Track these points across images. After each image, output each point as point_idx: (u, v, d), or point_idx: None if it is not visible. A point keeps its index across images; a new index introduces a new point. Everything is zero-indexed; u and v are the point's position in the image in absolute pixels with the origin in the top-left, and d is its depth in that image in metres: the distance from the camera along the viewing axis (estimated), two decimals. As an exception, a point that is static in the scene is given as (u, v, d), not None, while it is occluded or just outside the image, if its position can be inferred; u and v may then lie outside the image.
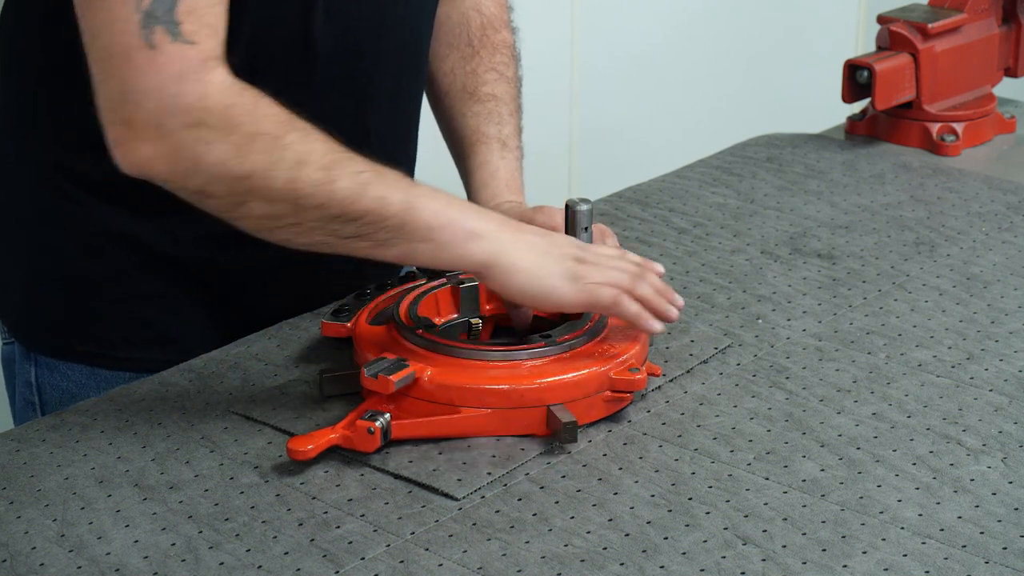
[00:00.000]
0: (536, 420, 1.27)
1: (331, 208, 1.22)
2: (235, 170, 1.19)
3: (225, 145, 1.19)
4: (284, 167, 1.20)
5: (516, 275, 1.28)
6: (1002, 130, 2.02)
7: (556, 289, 1.29)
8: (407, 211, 1.24)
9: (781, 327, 1.47)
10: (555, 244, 1.31)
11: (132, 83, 1.18)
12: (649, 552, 1.13)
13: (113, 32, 1.18)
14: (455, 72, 1.62)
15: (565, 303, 1.30)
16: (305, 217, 1.22)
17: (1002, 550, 1.13)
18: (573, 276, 1.29)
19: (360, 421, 1.24)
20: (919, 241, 1.67)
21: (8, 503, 1.20)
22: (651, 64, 3.21)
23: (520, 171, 1.59)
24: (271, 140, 1.20)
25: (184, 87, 1.18)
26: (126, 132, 1.19)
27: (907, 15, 1.96)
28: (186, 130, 1.18)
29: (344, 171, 1.22)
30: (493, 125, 1.58)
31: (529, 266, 1.28)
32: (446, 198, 1.27)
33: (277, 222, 1.23)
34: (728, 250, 1.65)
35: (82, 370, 1.46)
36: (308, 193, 1.21)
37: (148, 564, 1.12)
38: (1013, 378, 1.38)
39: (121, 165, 1.21)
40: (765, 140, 1.99)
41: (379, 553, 1.13)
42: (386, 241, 1.25)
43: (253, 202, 1.21)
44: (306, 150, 1.21)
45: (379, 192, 1.23)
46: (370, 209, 1.23)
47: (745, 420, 1.31)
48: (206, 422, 1.30)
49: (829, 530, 1.16)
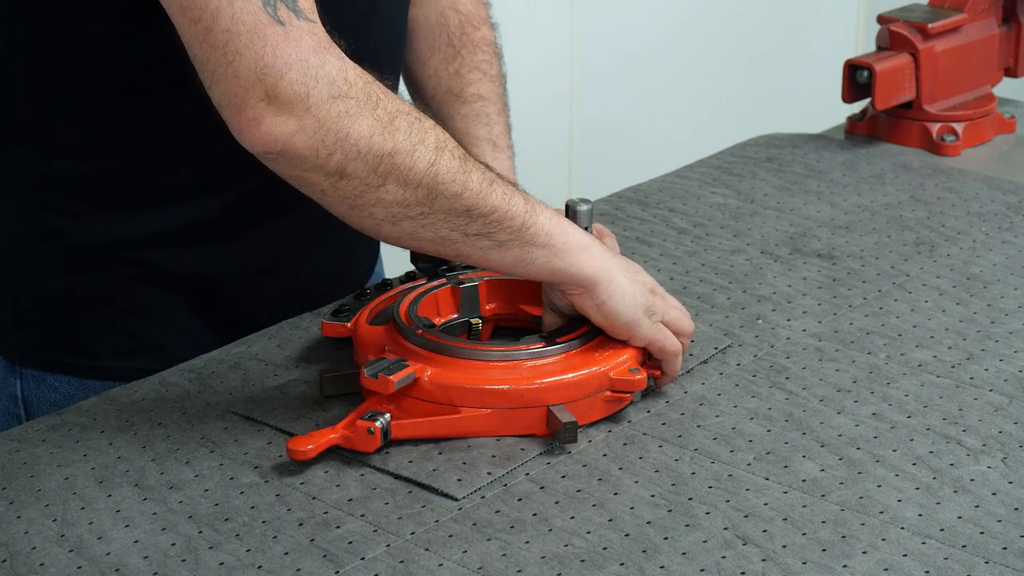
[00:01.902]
0: (536, 420, 1.27)
1: (464, 199, 1.20)
2: (380, 146, 1.17)
3: (370, 119, 1.17)
4: (426, 149, 1.18)
5: (618, 296, 1.27)
6: (1002, 130, 2.02)
7: (638, 320, 1.29)
8: (528, 214, 1.23)
9: (781, 327, 1.47)
10: (634, 270, 1.31)
11: (271, 57, 1.15)
12: (649, 552, 1.13)
13: (235, 12, 1.16)
14: (439, 74, 1.61)
15: (638, 337, 1.30)
16: (437, 207, 1.20)
17: (1002, 550, 1.13)
18: (650, 310, 1.30)
19: (360, 421, 1.24)
20: (919, 241, 1.67)
21: (8, 503, 1.20)
22: (651, 64, 3.21)
23: (513, 170, 1.59)
24: (413, 120, 1.19)
25: (325, 58, 1.16)
26: (267, 108, 1.16)
27: (907, 15, 1.96)
28: (332, 101, 1.15)
29: (475, 165, 1.22)
30: (482, 126, 1.58)
31: (625, 290, 1.28)
32: (552, 210, 1.27)
33: (408, 210, 1.20)
34: (728, 250, 1.65)
35: (70, 382, 1.45)
36: (447, 180, 1.19)
37: (148, 564, 1.12)
38: (1013, 378, 1.38)
39: (257, 146, 1.17)
40: (765, 140, 1.99)
41: (379, 553, 1.13)
42: (506, 243, 1.24)
43: (390, 184, 1.18)
44: (444, 137, 1.20)
45: (506, 191, 1.23)
46: (497, 207, 1.22)
47: (745, 420, 1.31)
48: (206, 422, 1.30)
49: (829, 530, 1.16)
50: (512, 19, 1.71)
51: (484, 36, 1.64)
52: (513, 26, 1.71)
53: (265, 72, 1.15)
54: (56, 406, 1.44)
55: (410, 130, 1.18)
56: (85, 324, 1.44)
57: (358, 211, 1.21)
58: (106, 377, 1.44)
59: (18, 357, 1.46)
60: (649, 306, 1.30)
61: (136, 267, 1.42)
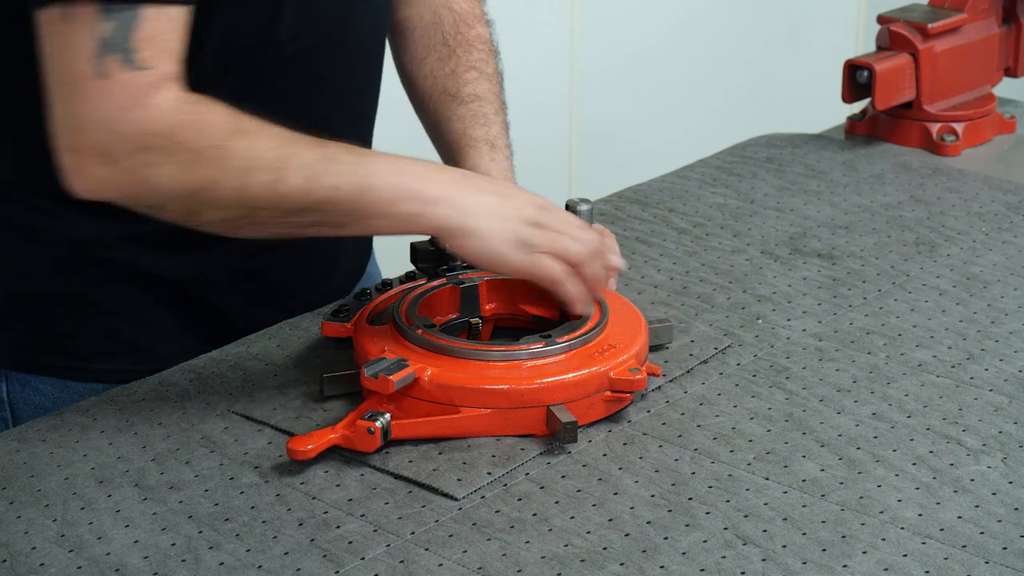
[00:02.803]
0: (536, 420, 1.27)
1: (285, 205, 1.25)
2: (184, 187, 1.23)
3: (172, 165, 1.23)
4: (232, 176, 1.23)
5: (470, 239, 1.28)
6: (1002, 130, 2.02)
7: (504, 255, 1.29)
8: (361, 193, 1.26)
9: (781, 327, 1.47)
10: (512, 206, 1.30)
11: (80, 112, 1.22)
12: (649, 552, 1.13)
13: (67, 59, 1.21)
14: (435, 74, 1.61)
15: (511, 270, 1.30)
16: (261, 217, 1.26)
17: (1002, 550, 1.13)
18: (524, 243, 1.29)
19: (360, 421, 1.24)
20: (919, 241, 1.67)
21: (8, 503, 1.20)
22: (651, 64, 3.21)
23: (511, 169, 1.59)
24: (216, 151, 1.23)
25: (130, 115, 1.21)
26: (77, 159, 1.23)
27: (907, 15, 1.96)
28: (133, 156, 1.22)
29: (293, 167, 1.24)
30: (480, 127, 1.58)
31: (482, 230, 1.28)
32: (402, 167, 1.28)
33: (235, 224, 1.26)
34: (728, 250, 1.65)
35: (54, 383, 1.45)
36: (259, 196, 1.24)
37: (148, 564, 1.12)
38: (1013, 378, 1.38)
39: (75, 190, 1.24)
40: (765, 140, 1.99)
41: (379, 553, 1.13)
42: (344, 224, 1.28)
43: (208, 211, 1.25)
44: (252, 155, 1.24)
45: (330, 181, 1.25)
46: (324, 198, 1.25)
47: (745, 420, 1.31)
48: (206, 422, 1.30)
49: (829, 530, 1.16)
50: (512, 19, 1.71)
51: (479, 34, 1.63)
52: (513, 26, 1.71)
53: (75, 127, 1.22)
54: (41, 409, 1.44)
55: (213, 163, 1.23)
56: (66, 325, 1.44)
57: (196, 225, 1.27)
58: (90, 379, 1.44)
59: (3, 359, 1.46)
60: (523, 239, 1.29)
61: (113, 267, 1.42)
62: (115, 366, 1.44)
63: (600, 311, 1.36)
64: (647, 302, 1.52)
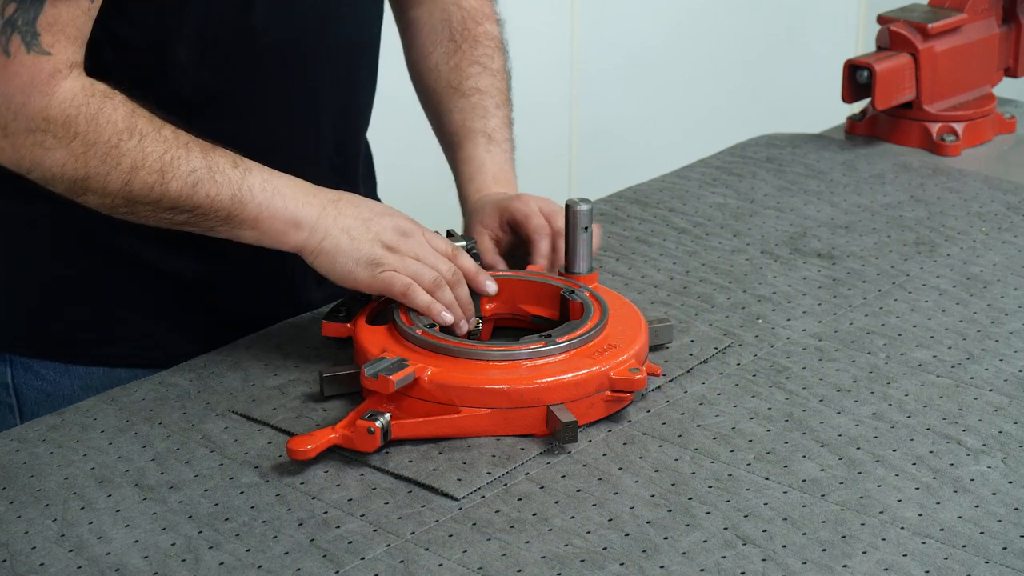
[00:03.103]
0: (536, 420, 1.27)
1: (164, 203, 1.32)
2: (73, 174, 1.29)
3: (64, 152, 1.28)
4: (119, 173, 1.30)
5: (323, 258, 1.35)
6: (1002, 130, 2.02)
7: (352, 273, 1.36)
8: (234, 205, 1.33)
9: (781, 327, 1.47)
10: (371, 230, 1.36)
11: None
12: (649, 552, 1.13)
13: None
14: (439, 68, 1.63)
15: (360, 287, 1.37)
16: (140, 210, 1.33)
17: (1002, 550, 1.13)
18: (373, 263, 1.35)
19: (360, 421, 1.24)
20: (919, 241, 1.67)
21: (8, 503, 1.20)
22: (651, 64, 3.21)
23: (509, 163, 1.59)
24: (108, 148, 1.29)
25: (30, 98, 1.27)
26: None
27: (907, 15, 1.96)
28: (29, 135, 1.28)
29: (176, 172, 1.31)
30: (478, 119, 1.59)
31: (335, 251, 1.35)
32: (277, 188, 1.34)
33: (114, 210, 1.33)
34: (728, 250, 1.65)
35: (56, 367, 1.47)
36: (141, 194, 1.31)
37: (148, 564, 1.12)
38: (1013, 378, 1.38)
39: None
40: (765, 140, 1.99)
41: (379, 553, 1.13)
42: (215, 228, 1.34)
43: (90, 196, 1.31)
44: (141, 156, 1.30)
45: (209, 191, 1.32)
46: (200, 204, 1.32)
47: (745, 420, 1.31)
48: (206, 422, 1.30)
49: (829, 530, 1.16)
50: (512, 19, 1.71)
51: (487, 31, 1.64)
52: (513, 26, 1.71)
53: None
54: (44, 394, 1.47)
55: (104, 158, 1.29)
56: (68, 310, 1.46)
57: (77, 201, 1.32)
58: (90, 363, 1.46)
59: (6, 344, 1.48)
60: (373, 260, 1.35)
61: (113, 254, 1.43)
62: (116, 351, 1.46)
63: (600, 311, 1.36)
64: (647, 302, 1.52)
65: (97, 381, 1.46)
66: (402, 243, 1.36)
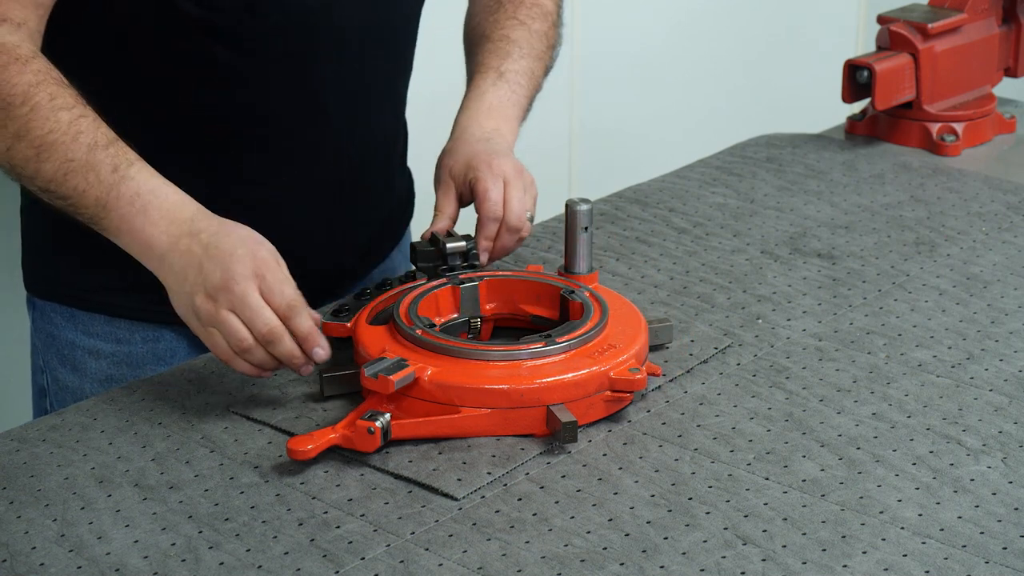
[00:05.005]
0: (536, 420, 1.27)
1: (38, 182, 1.33)
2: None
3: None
4: (4, 135, 1.31)
5: (167, 291, 1.32)
6: (1002, 130, 2.02)
7: (187, 318, 1.31)
8: (98, 208, 1.32)
9: (781, 327, 1.47)
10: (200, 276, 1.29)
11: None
12: (649, 552, 1.13)
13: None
14: (480, 25, 1.64)
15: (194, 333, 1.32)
16: (21, 180, 1.34)
17: (1002, 550, 1.13)
18: (197, 314, 1.29)
19: (360, 421, 1.24)
20: (919, 241, 1.67)
21: (8, 503, 1.20)
22: (651, 64, 3.21)
23: (515, 104, 1.57)
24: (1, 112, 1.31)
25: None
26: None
27: (907, 15, 1.96)
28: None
29: (52, 156, 1.31)
30: (495, 58, 1.59)
31: (172, 291, 1.31)
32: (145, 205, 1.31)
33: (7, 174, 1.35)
34: (728, 250, 1.65)
35: (61, 311, 1.53)
36: (19, 164, 1.32)
37: (148, 564, 1.12)
38: (1013, 378, 1.38)
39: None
40: (765, 140, 1.99)
41: (379, 553, 1.13)
42: (93, 225, 1.34)
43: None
44: (25, 127, 1.31)
45: (78, 185, 1.31)
46: (69, 196, 1.32)
47: (745, 420, 1.31)
48: (206, 422, 1.30)
49: (829, 530, 1.16)
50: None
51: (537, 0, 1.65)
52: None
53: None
54: (50, 336, 1.54)
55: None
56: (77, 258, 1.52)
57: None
58: (92, 309, 1.52)
59: (30, 285, 1.57)
60: (196, 310, 1.29)
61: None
62: (116, 301, 1.52)
63: (600, 311, 1.36)
64: (647, 302, 1.52)
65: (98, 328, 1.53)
66: (222, 296, 1.28)
